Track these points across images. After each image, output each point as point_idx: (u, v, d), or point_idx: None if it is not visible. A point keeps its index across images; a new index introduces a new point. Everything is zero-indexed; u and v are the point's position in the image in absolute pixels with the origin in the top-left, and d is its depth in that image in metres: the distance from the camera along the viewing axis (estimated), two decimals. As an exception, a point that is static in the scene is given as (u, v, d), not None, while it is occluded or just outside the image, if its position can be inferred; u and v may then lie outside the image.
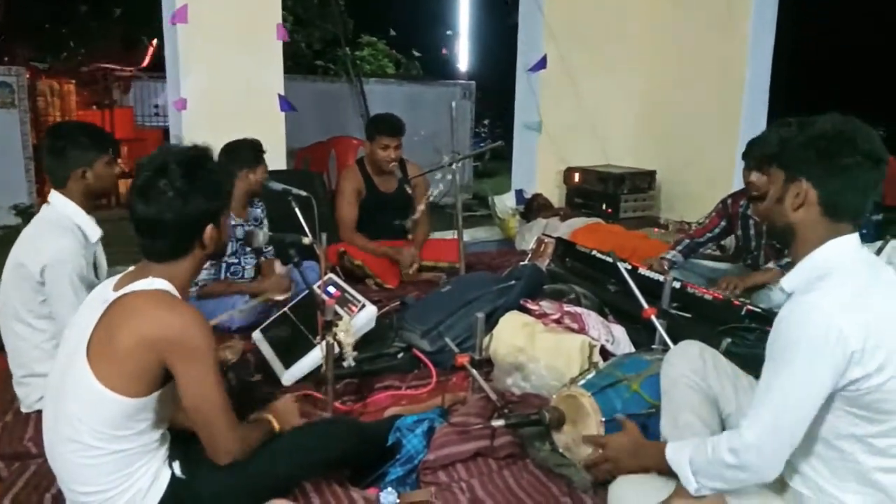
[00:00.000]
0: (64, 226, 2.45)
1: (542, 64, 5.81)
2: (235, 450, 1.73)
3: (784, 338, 1.48)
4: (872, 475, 1.48)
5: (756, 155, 3.30)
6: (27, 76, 7.06)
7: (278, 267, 3.58)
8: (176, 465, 1.75)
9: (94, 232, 2.53)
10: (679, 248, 3.81)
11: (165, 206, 1.66)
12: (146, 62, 10.91)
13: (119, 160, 2.66)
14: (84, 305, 1.79)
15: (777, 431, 1.48)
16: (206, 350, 1.64)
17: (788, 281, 1.57)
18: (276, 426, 1.93)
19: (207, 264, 3.24)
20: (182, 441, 1.80)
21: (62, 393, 1.66)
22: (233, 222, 3.35)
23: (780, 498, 1.62)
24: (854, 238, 1.54)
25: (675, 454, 1.67)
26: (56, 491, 2.00)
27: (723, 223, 3.76)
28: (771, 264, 3.47)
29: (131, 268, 1.78)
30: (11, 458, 2.25)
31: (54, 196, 2.51)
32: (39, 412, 2.43)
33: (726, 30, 5.54)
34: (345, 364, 2.51)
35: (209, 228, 1.74)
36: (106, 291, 1.71)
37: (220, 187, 1.77)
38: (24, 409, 2.54)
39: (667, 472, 1.70)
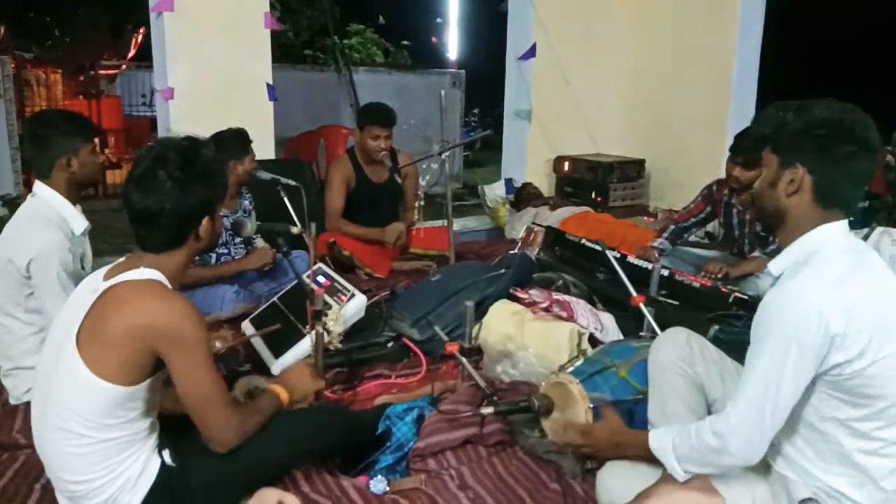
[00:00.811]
0: (48, 218, 2.42)
1: (531, 52, 5.80)
2: (231, 438, 1.73)
3: (767, 321, 1.49)
4: (855, 457, 1.49)
5: (743, 150, 3.30)
6: (12, 65, 6.98)
7: (259, 242, 3.57)
8: (166, 453, 1.75)
9: (80, 224, 2.50)
10: (665, 234, 3.83)
11: (164, 196, 1.67)
12: (132, 53, 10.83)
13: (107, 150, 2.63)
14: (73, 295, 1.79)
15: (759, 414, 1.49)
16: (198, 340, 1.65)
17: (776, 264, 1.58)
18: (285, 397, 1.94)
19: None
20: (172, 429, 1.80)
21: (51, 382, 1.66)
22: (221, 213, 3.34)
23: (765, 481, 1.64)
24: (843, 224, 1.54)
25: (658, 442, 1.68)
26: (45, 481, 1.99)
27: (707, 209, 3.77)
28: (757, 252, 3.49)
29: (122, 258, 1.78)
30: (0, 449, 2.25)
31: (39, 187, 2.47)
32: (28, 404, 2.41)
33: (715, 19, 5.54)
34: (331, 348, 2.51)
35: (205, 220, 1.75)
36: (96, 281, 1.71)
37: (218, 178, 1.78)
38: (12, 401, 2.53)
39: (651, 459, 1.72)
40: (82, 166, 2.48)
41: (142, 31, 10.82)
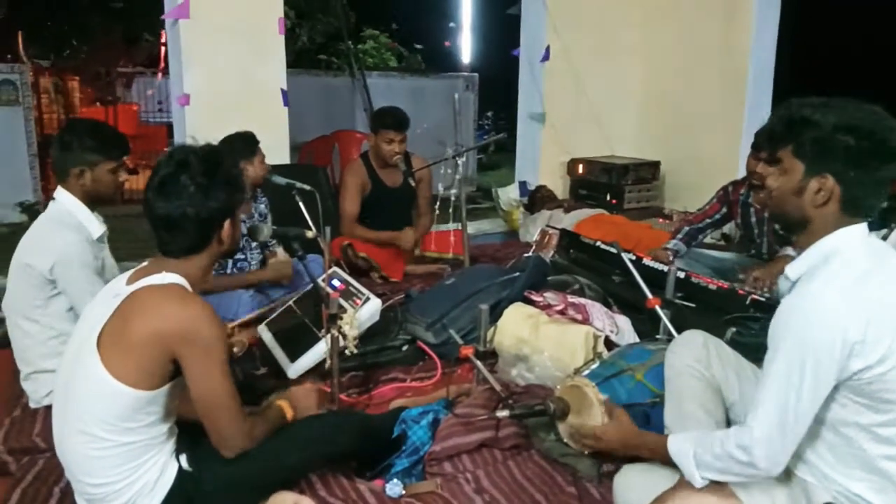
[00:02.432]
0: (67, 223, 2.46)
1: (546, 55, 5.79)
2: (240, 444, 1.75)
3: (783, 328, 1.46)
4: (878, 463, 1.47)
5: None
6: (30, 73, 7.06)
7: (280, 253, 3.59)
8: (183, 457, 1.76)
9: (97, 229, 2.53)
10: (679, 236, 3.80)
11: (187, 201, 1.69)
12: (161, 66, 10.94)
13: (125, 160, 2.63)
14: (96, 300, 1.81)
15: (782, 425, 1.46)
16: (215, 344, 1.66)
17: (794, 268, 1.55)
18: (289, 414, 1.95)
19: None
20: (189, 434, 1.81)
21: (72, 385, 1.68)
22: (239, 217, 3.36)
23: (786, 487, 1.61)
24: (862, 226, 1.50)
25: (678, 447, 1.66)
26: (64, 484, 2.01)
27: (723, 210, 3.74)
28: (790, 250, 3.40)
29: (144, 263, 1.80)
30: (20, 452, 2.27)
31: (60, 192, 2.51)
32: (48, 407, 2.44)
33: (730, 18, 5.52)
34: (347, 352, 2.52)
35: (227, 224, 1.77)
36: (118, 286, 1.74)
37: (238, 183, 1.80)
38: (32, 405, 2.56)
39: (668, 462, 1.70)
40: (95, 182, 2.49)
41: (162, 41, 10.90)
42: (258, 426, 1.82)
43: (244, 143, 3.45)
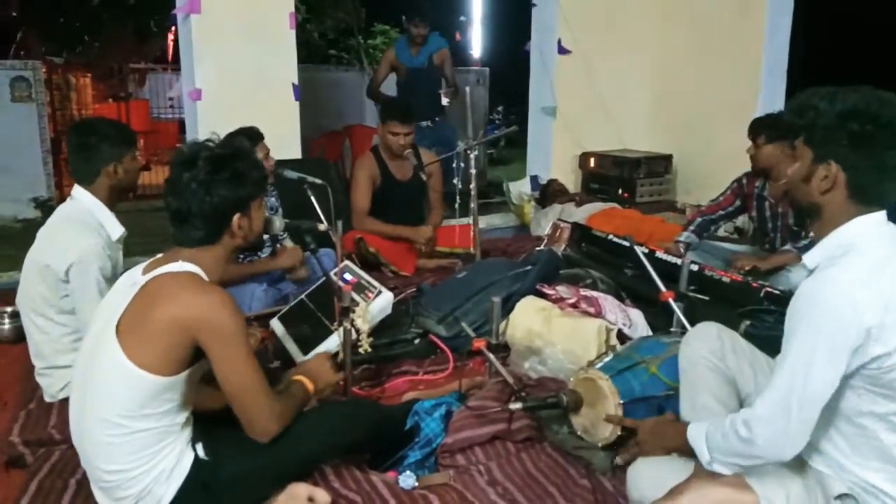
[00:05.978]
0: (87, 223, 2.46)
1: (560, 48, 5.76)
2: (272, 427, 1.77)
3: (799, 311, 1.46)
4: (894, 452, 1.46)
5: (751, 130, 3.42)
6: (43, 70, 7.09)
7: (289, 243, 3.60)
8: (199, 446, 1.78)
9: (117, 230, 2.54)
10: (692, 227, 3.79)
11: (190, 197, 1.74)
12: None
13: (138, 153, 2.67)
14: (113, 289, 1.85)
15: (788, 407, 1.45)
16: (237, 331, 1.69)
17: (811, 257, 1.55)
18: (310, 387, 1.97)
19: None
20: (205, 423, 1.83)
21: (91, 372, 1.70)
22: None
23: (801, 478, 1.60)
24: (880, 215, 1.50)
25: (695, 432, 1.67)
26: (80, 476, 2.03)
27: (737, 202, 3.73)
28: (788, 246, 3.43)
29: (158, 255, 1.84)
30: (36, 444, 2.29)
31: (78, 192, 2.51)
32: (62, 401, 2.47)
33: (743, 10, 5.46)
34: (361, 351, 2.53)
35: (236, 217, 1.79)
36: (135, 275, 1.78)
37: (244, 178, 1.81)
38: (47, 399, 2.58)
39: (689, 452, 1.70)
40: (126, 173, 2.55)
41: (172, 34, 10.93)
42: (287, 408, 1.84)
43: (246, 139, 3.44)
